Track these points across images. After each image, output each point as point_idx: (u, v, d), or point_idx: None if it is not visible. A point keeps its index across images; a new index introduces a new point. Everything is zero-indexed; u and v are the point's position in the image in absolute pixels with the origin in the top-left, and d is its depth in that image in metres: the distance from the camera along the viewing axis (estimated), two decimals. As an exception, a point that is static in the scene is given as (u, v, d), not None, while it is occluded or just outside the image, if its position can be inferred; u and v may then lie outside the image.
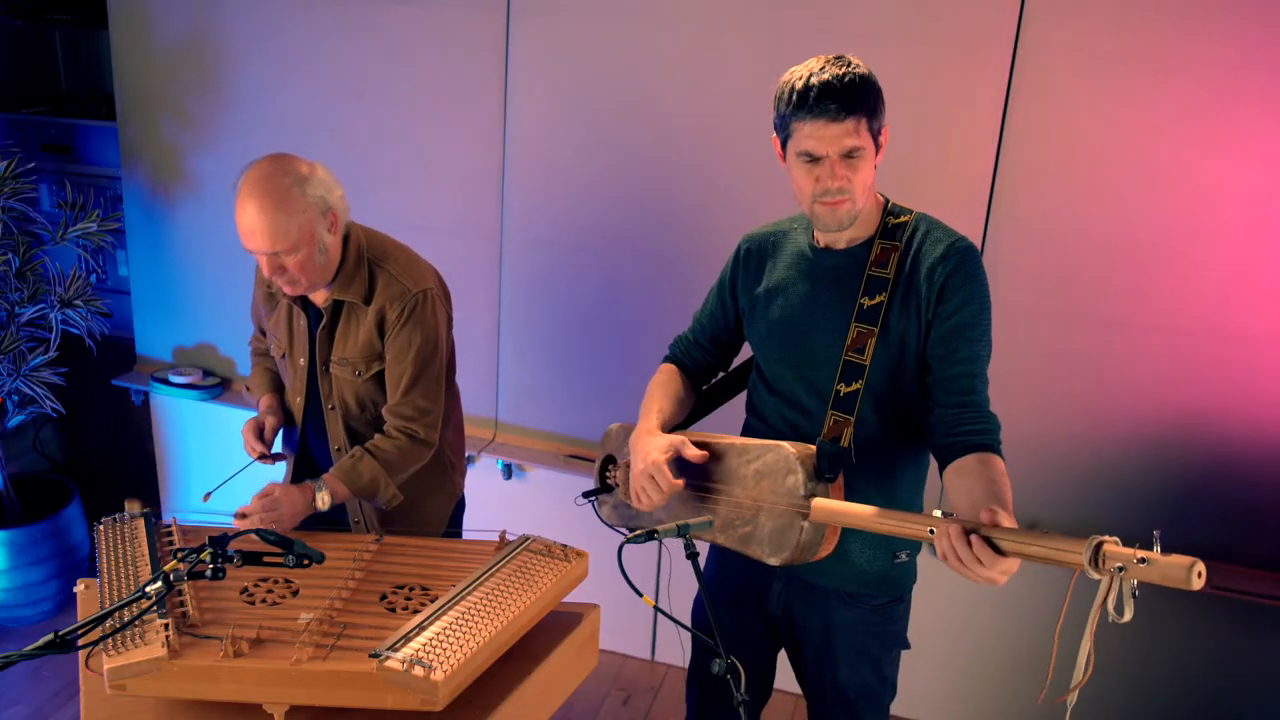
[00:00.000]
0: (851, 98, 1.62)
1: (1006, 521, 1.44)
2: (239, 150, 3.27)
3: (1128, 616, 1.29)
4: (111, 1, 3.27)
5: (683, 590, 2.13)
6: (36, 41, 3.77)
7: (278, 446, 2.25)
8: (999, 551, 1.41)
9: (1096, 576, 1.32)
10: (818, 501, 1.66)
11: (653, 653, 3.33)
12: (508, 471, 3.23)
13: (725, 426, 2.09)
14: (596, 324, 3.08)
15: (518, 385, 3.21)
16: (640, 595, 1.60)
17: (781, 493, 1.69)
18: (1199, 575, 1.23)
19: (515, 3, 2.88)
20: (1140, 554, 1.27)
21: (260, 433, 2.17)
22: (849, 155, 1.65)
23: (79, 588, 1.85)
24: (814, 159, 1.66)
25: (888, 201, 1.79)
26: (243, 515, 1.99)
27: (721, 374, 2.12)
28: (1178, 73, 2.45)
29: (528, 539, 1.93)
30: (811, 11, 2.65)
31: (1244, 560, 2.69)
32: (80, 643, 1.41)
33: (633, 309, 3.03)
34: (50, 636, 1.34)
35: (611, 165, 2.93)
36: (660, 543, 1.58)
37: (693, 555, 1.61)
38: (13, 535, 3.18)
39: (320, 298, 2.13)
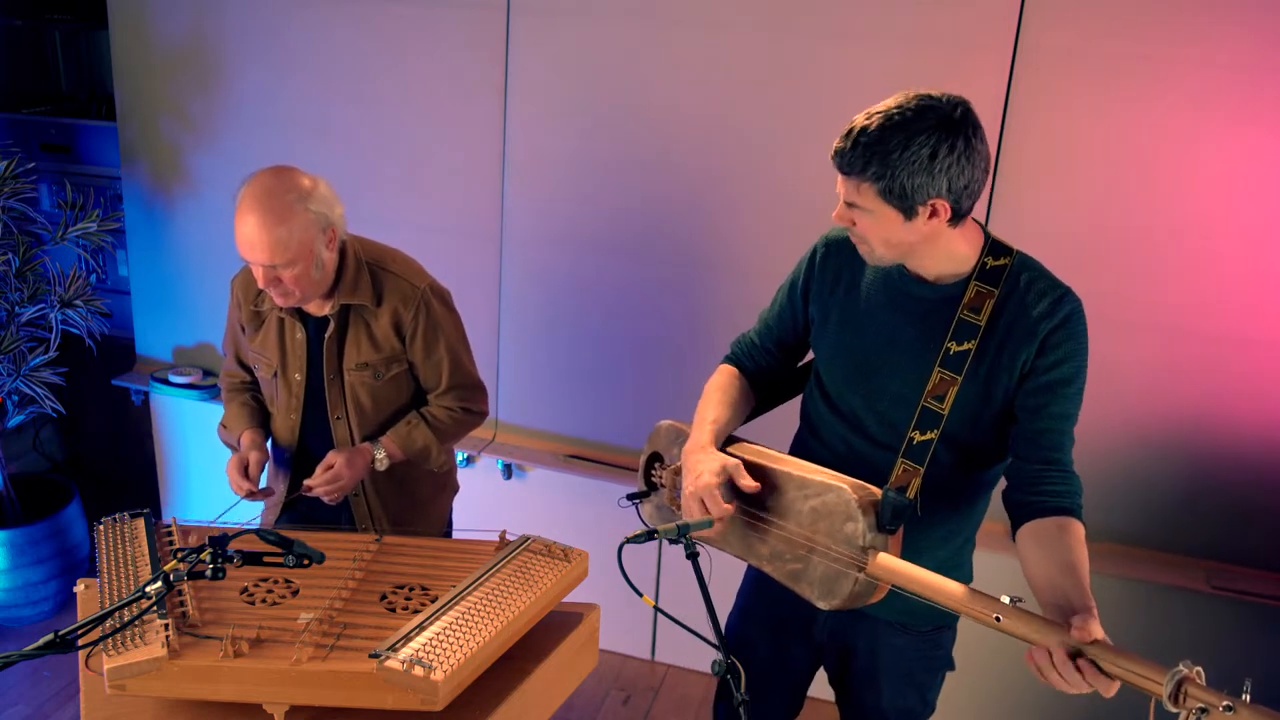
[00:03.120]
0: (853, 159, 1.53)
1: (1096, 629, 1.37)
2: (239, 150, 3.27)
3: None
4: (111, 1, 3.27)
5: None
6: (36, 41, 3.77)
7: (264, 482, 2.20)
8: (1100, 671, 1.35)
9: (1174, 710, 1.26)
10: (879, 558, 1.58)
11: (653, 653, 3.33)
12: (508, 471, 3.23)
13: (766, 428, 2.03)
14: (596, 324, 3.08)
15: (518, 385, 3.21)
16: (640, 595, 1.60)
17: (839, 538, 1.62)
18: None
19: (515, 3, 2.88)
20: (1227, 700, 1.21)
21: (245, 469, 2.13)
22: (850, 205, 1.60)
23: (79, 588, 1.85)
24: None
25: (988, 238, 1.68)
26: (308, 489, 2.10)
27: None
28: (1178, 73, 2.45)
29: (528, 539, 1.93)
30: (812, 11, 2.65)
31: (1244, 560, 2.69)
32: (80, 643, 1.41)
33: (633, 309, 3.03)
34: (50, 636, 1.34)
35: (611, 165, 2.93)
36: (660, 543, 1.58)
37: (693, 555, 1.60)
38: (13, 535, 3.18)
39: (318, 308, 2.13)
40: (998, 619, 1.43)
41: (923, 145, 1.51)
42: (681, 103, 2.82)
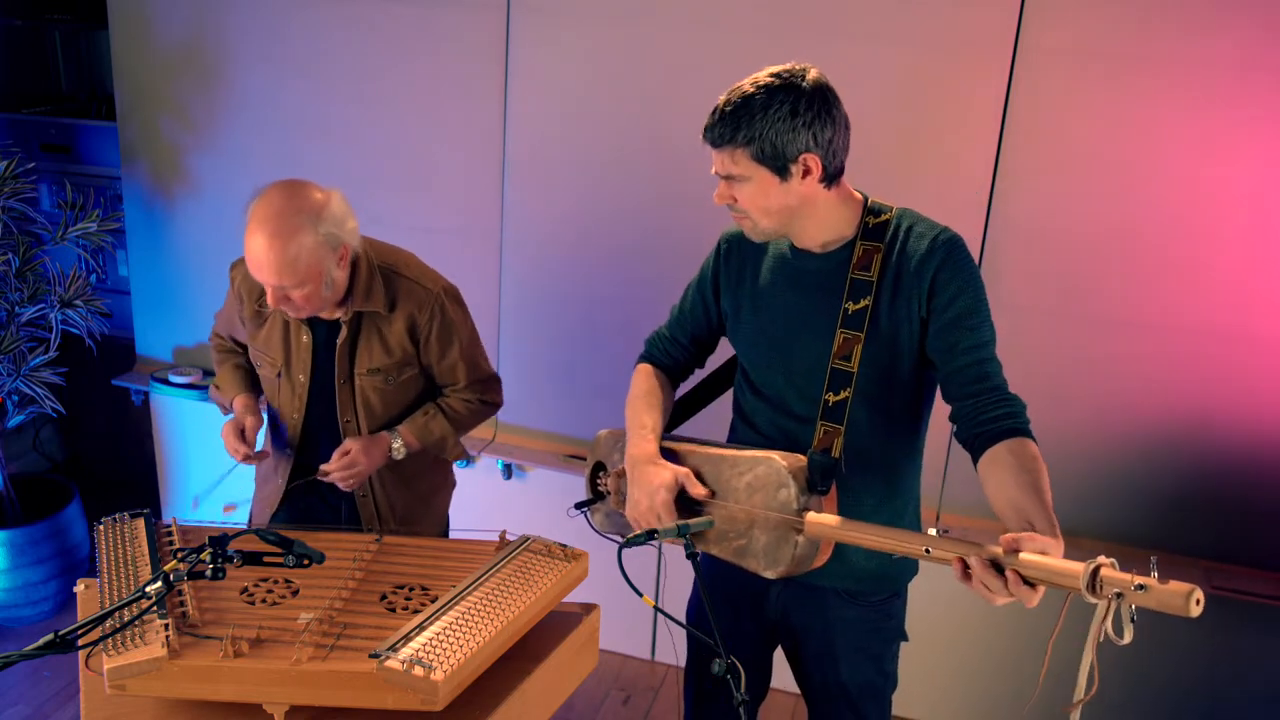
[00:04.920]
0: (722, 129, 1.64)
1: (1028, 546, 1.38)
2: (239, 150, 3.27)
3: (1127, 639, 1.27)
4: (111, 1, 3.27)
5: (678, 590, 2.13)
6: (36, 41, 3.77)
7: (260, 445, 2.22)
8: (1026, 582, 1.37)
9: (1093, 600, 1.30)
10: (811, 517, 1.64)
11: (653, 653, 3.33)
12: (507, 471, 3.23)
13: (708, 426, 2.07)
14: (596, 324, 3.08)
15: (518, 385, 3.21)
16: (640, 595, 1.60)
17: (774, 506, 1.68)
18: (1197, 603, 1.22)
19: (515, 3, 2.88)
20: (1138, 580, 1.25)
21: (242, 434, 2.14)
22: (728, 178, 1.68)
23: (79, 588, 1.85)
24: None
25: (867, 200, 1.75)
26: (324, 474, 2.11)
27: (704, 373, 2.09)
28: (1178, 73, 2.45)
29: (528, 539, 1.93)
30: (811, 11, 2.65)
31: (1244, 560, 2.69)
32: (80, 643, 1.41)
33: (633, 308, 3.03)
34: (50, 636, 1.34)
35: (612, 165, 2.93)
36: (660, 543, 1.58)
37: (693, 555, 1.61)
38: (13, 535, 3.18)
39: (329, 313, 2.12)
40: (927, 550, 1.48)
41: (782, 104, 1.60)
42: (682, 102, 2.82)
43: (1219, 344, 2.57)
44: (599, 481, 2.04)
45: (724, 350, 2.03)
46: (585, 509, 2.05)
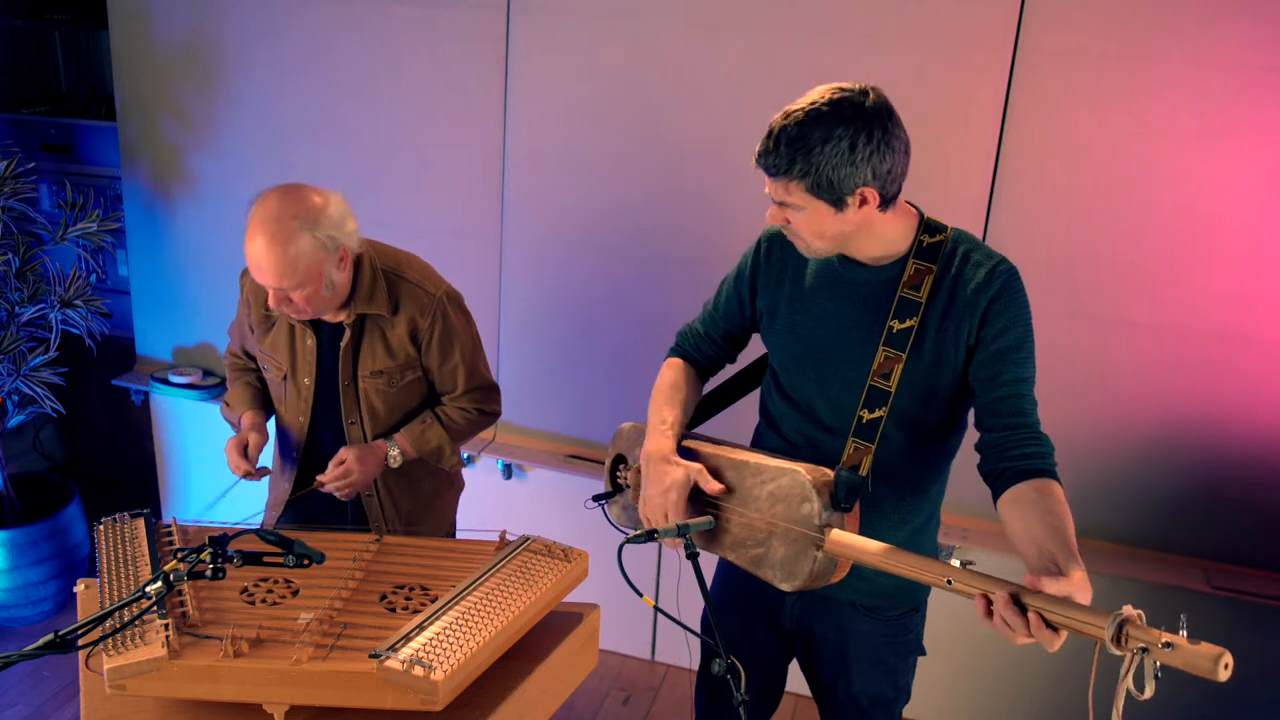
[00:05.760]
0: (777, 160, 1.57)
1: (1050, 587, 1.36)
2: (239, 150, 3.28)
3: (1148, 694, 1.25)
4: (111, 1, 3.27)
5: (690, 592, 2.13)
6: (36, 41, 3.77)
7: (263, 463, 2.22)
8: (1047, 624, 1.36)
9: (1118, 653, 1.28)
10: (834, 535, 1.61)
11: (653, 653, 3.33)
12: (508, 471, 3.23)
13: (733, 426, 2.07)
14: (596, 323, 3.08)
15: (518, 385, 3.21)
16: (640, 595, 1.60)
17: (796, 520, 1.65)
18: (1226, 666, 1.20)
19: (515, 2, 2.88)
20: (1166, 637, 1.23)
21: (244, 450, 2.15)
22: (782, 204, 1.64)
23: (79, 588, 1.85)
24: None
25: (922, 216, 1.71)
26: (320, 484, 2.13)
27: (733, 368, 2.06)
28: (1178, 73, 2.45)
29: (528, 539, 1.93)
30: (811, 11, 2.65)
31: (1244, 560, 2.69)
32: (80, 643, 1.41)
33: (633, 308, 3.04)
34: (50, 636, 1.34)
35: (612, 164, 2.94)
36: (661, 543, 1.58)
37: (693, 555, 1.61)
38: (13, 535, 3.18)
39: (332, 316, 2.12)
40: (949, 582, 1.46)
41: (841, 138, 1.54)
42: (681, 102, 2.82)
43: (1219, 344, 2.57)
44: (618, 475, 2.01)
45: (753, 348, 2.00)
46: (603, 502, 2.02)
